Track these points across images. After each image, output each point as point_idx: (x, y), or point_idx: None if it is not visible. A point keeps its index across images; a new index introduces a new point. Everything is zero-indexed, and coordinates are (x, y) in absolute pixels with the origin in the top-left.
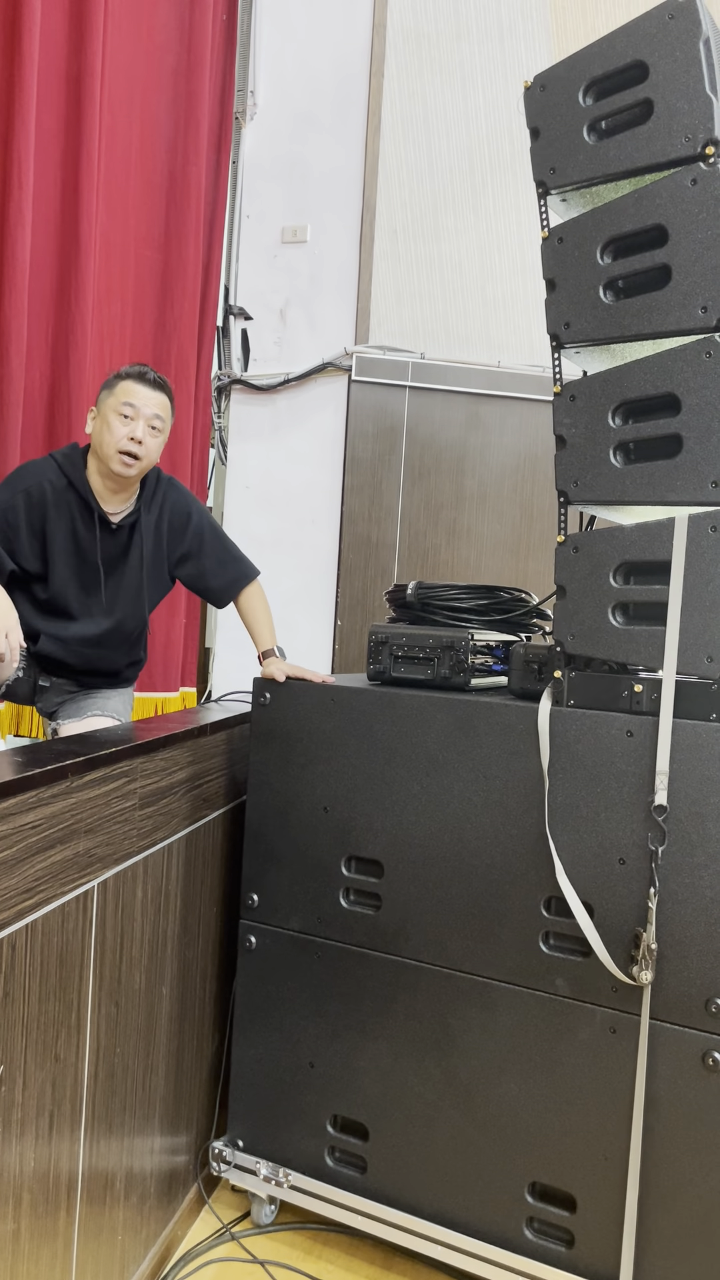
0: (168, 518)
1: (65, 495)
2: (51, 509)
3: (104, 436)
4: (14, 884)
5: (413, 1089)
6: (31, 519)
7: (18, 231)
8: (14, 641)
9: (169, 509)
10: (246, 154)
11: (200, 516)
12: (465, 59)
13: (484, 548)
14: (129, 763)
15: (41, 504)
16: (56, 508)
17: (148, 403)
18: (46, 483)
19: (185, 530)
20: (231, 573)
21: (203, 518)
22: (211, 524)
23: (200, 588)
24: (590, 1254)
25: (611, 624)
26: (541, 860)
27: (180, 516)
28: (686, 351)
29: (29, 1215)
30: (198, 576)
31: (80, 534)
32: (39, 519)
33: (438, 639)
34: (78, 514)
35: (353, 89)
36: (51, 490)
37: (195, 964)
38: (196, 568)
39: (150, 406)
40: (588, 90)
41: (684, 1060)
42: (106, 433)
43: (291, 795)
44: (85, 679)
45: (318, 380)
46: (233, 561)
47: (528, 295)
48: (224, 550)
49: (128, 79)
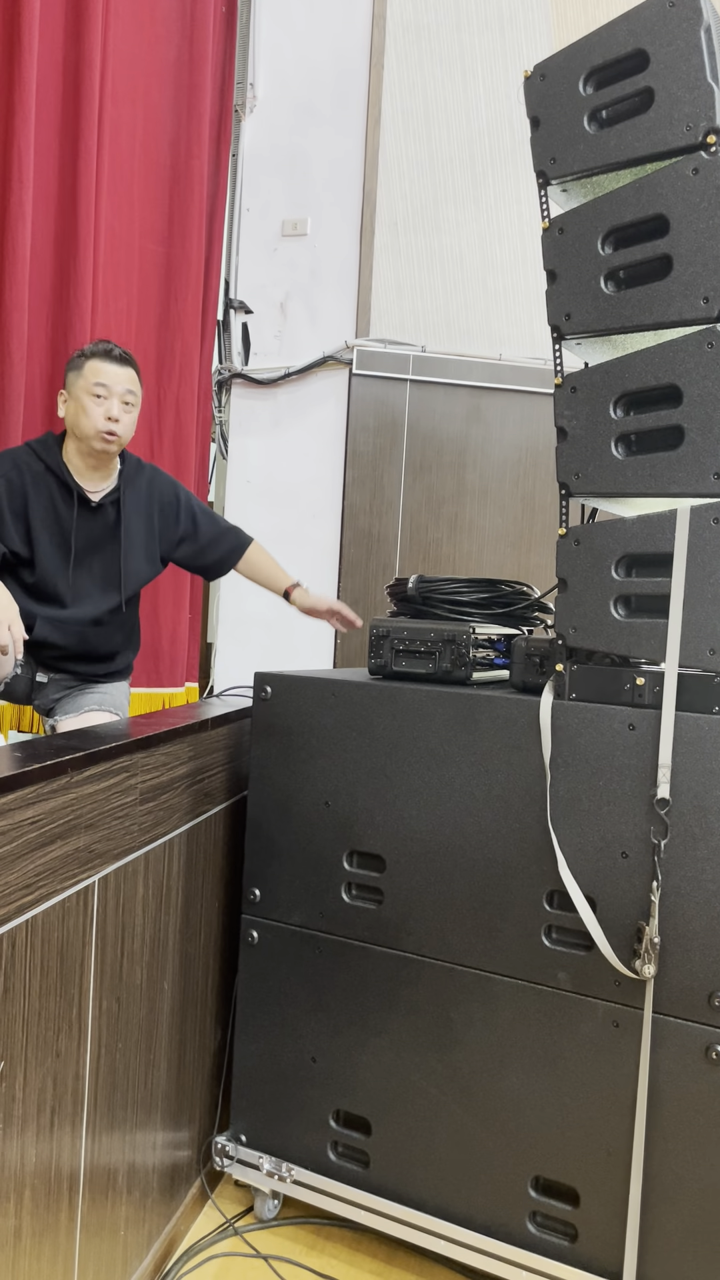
0: (158, 502)
1: (44, 478)
2: (31, 491)
3: (80, 419)
4: (14, 880)
5: (415, 1083)
6: (13, 503)
7: (18, 225)
8: (16, 634)
9: (157, 494)
10: (246, 147)
11: (187, 497)
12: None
13: (485, 541)
14: (129, 758)
15: (21, 487)
16: (35, 490)
17: (118, 379)
18: (24, 465)
19: (178, 513)
20: (228, 543)
21: (190, 498)
22: (199, 503)
23: (200, 565)
24: (593, 1248)
25: (613, 617)
26: (543, 854)
27: (170, 501)
28: (688, 342)
29: (30, 1211)
30: (196, 554)
31: (61, 513)
32: (20, 502)
33: (439, 633)
34: (57, 494)
35: (352, 81)
36: (30, 472)
37: (197, 959)
38: (194, 547)
39: (121, 383)
40: (588, 79)
41: (687, 1054)
42: (83, 415)
43: (293, 790)
44: (82, 668)
45: (318, 374)
46: (225, 533)
47: (529, 287)
48: (214, 525)
49: (130, 71)
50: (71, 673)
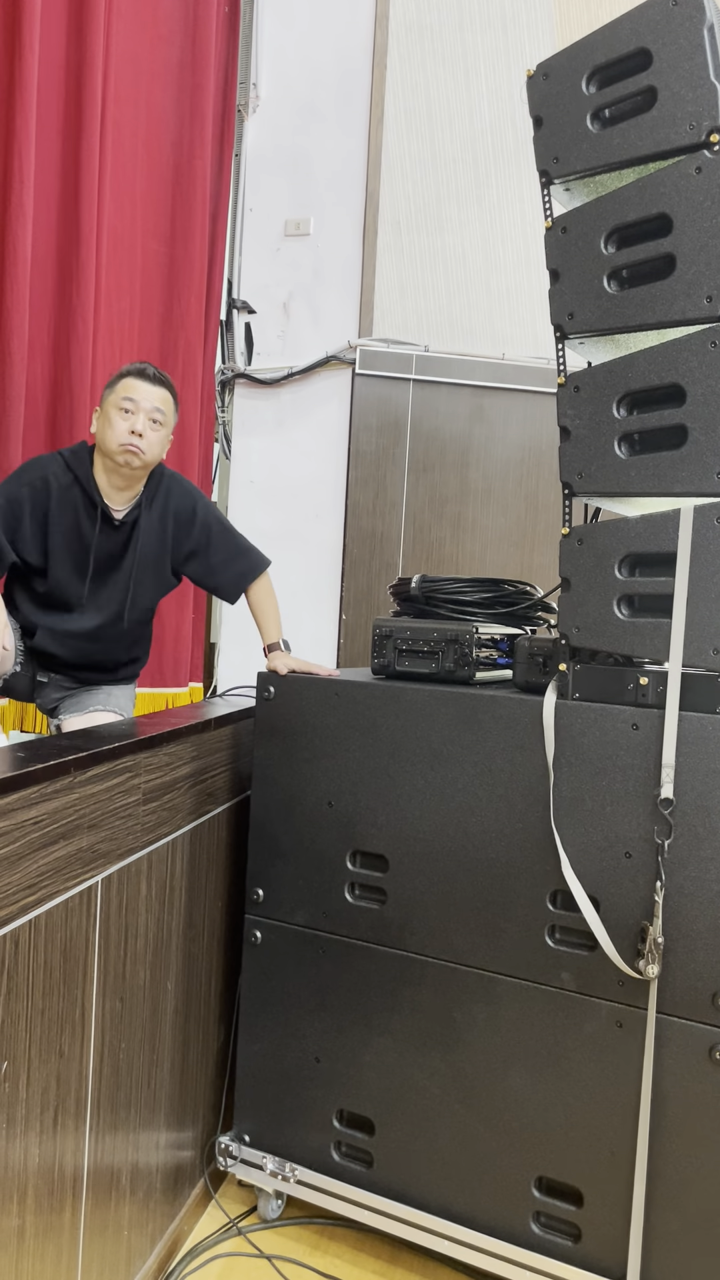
0: (172, 514)
1: (70, 491)
2: (55, 503)
3: (106, 433)
4: (17, 880)
5: (418, 1083)
6: (35, 512)
7: (18, 225)
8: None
9: (173, 506)
10: (249, 147)
11: (205, 512)
12: (468, 49)
13: (488, 541)
14: (132, 758)
15: (45, 497)
16: (60, 502)
17: (147, 397)
18: (52, 476)
19: (190, 527)
20: (239, 567)
21: (208, 513)
22: (218, 518)
23: (209, 585)
24: (597, 1248)
25: (616, 616)
26: (547, 854)
27: (185, 513)
28: (691, 341)
29: (34, 1211)
30: (205, 574)
31: (83, 529)
32: (41, 512)
33: (442, 632)
34: (82, 509)
35: (355, 81)
36: (56, 485)
37: (200, 959)
38: (203, 565)
39: (150, 400)
40: (591, 78)
41: (691, 1054)
42: (108, 429)
43: (296, 790)
44: (82, 674)
45: (321, 374)
46: (240, 555)
47: (532, 287)
48: (231, 544)
49: (132, 72)
50: (70, 676)
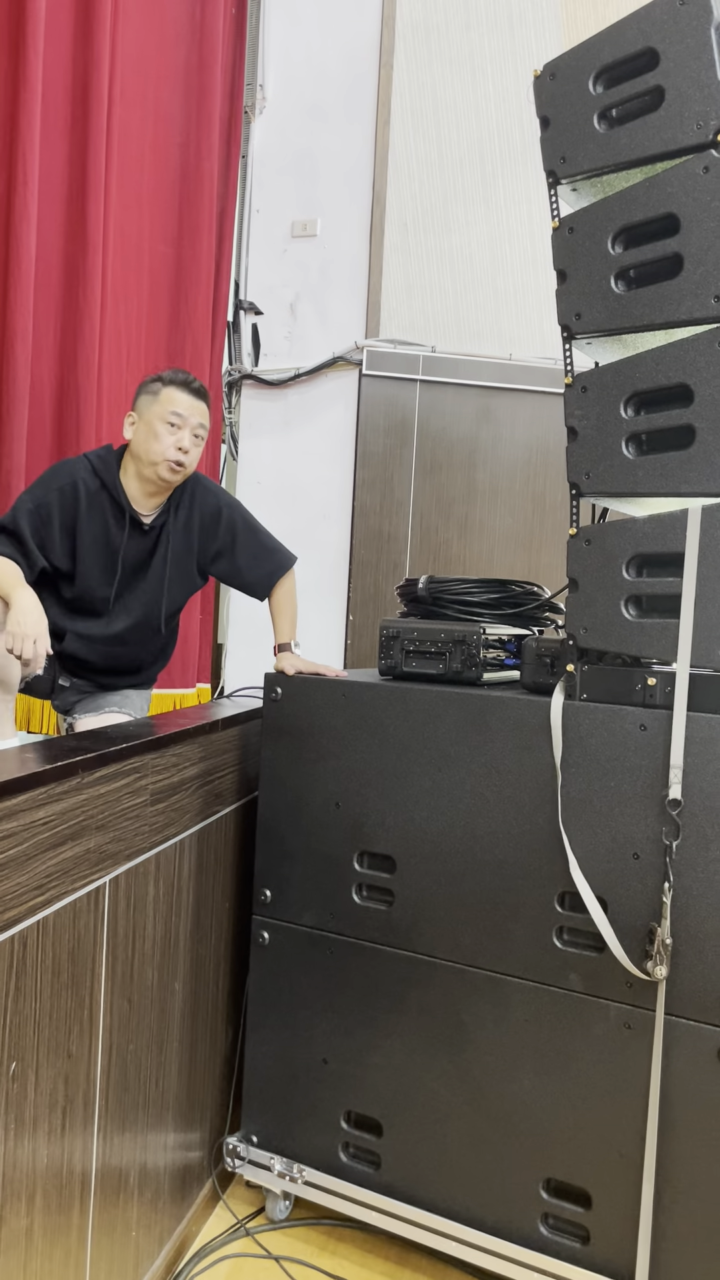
0: (198, 516)
1: (99, 496)
2: (84, 508)
3: (150, 445)
4: (25, 880)
5: (426, 1085)
6: (64, 517)
7: (22, 227)
8: (41, 649)
9: (198, 507)
10: (256, 148)
11: (231, 511)
12: (475, 50)
13: (496, 541)
14: (140, 759)
15: (74, 503)
16: (89, 507)
17: (194, 412)
18: (80, 482)
19: (216, 527)
20: (267, 565)
21: (234, 512)
22: (244, 517)
23: (237, 583)
24: (606, 1250)
25: (624, 617)
26: (555, 855)
27: (210, 514)
28: (699, 341)
29: (42, 1211)
30: (233, 573)
31: (111, 534)
32: (70, 517)
33: (449, 633)
34: (110, 514)
35: (362, 82)
36: (85, 490)
37: (208, 960)
38: (230, 565)
39: (196, 415)
40: (598, 78)
41: (699, 1056)
42: (153, 441)
43: (303, 791)
44: (105, 679)
45: (328, 375)
46: (267, 554)
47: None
48: (257, 543)
49: (140, 74)
50: (93, 681)
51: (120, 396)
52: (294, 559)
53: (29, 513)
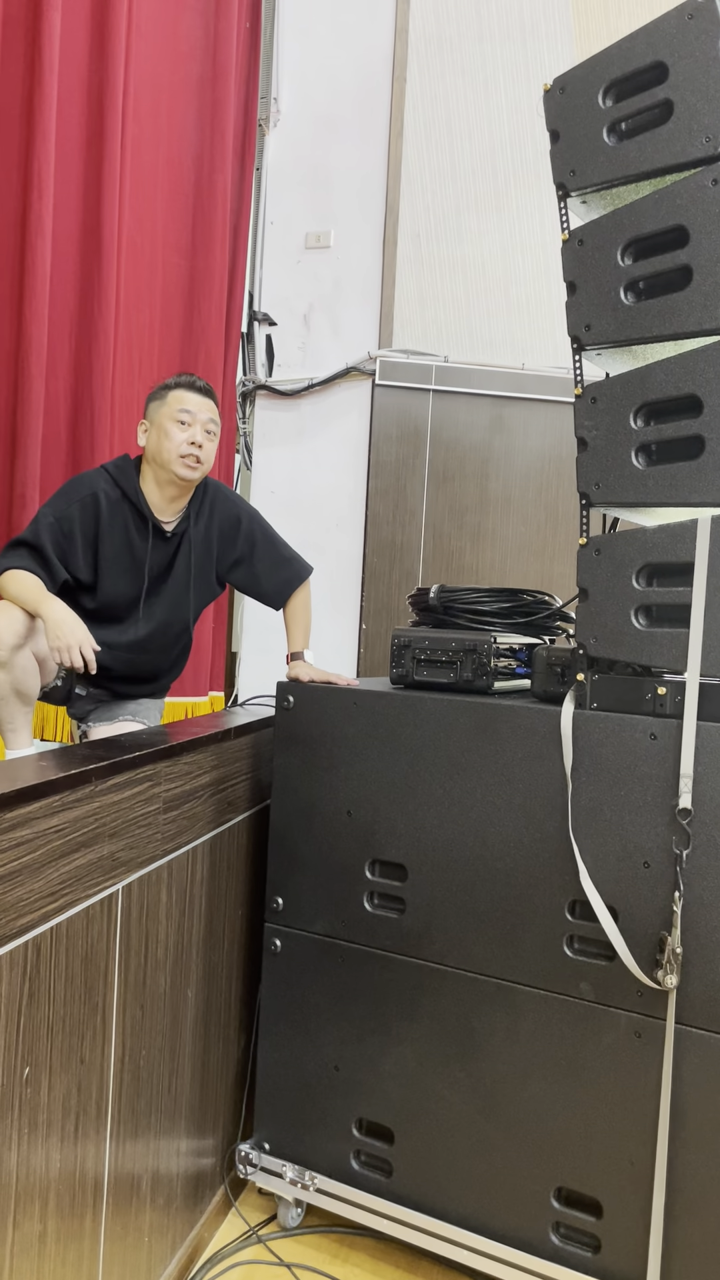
0: (218, 524)
1: (120, 506)
2: (106, 519)
3: (163, 444)
4: (39, 887)
5: (438, 1093)
6: (86, 529)
7: (37, 240)
8: (89, 654)
9: (218, 516)
10: (270, 160)
11: (250, 521)
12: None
13: (508, 551)
14: (152, 767)
15: (95, 514)
16: (111, 517)
17: (202, 408)
18: (101, 493)
19: (236, 536)
20: (284, 574)
21: (253, 522)
22: (263, 527)
23: (254, 592)
24: (617, 1260)
25: (634, 626)
26: (565, 864)
27: (230, 523)
28: (708, 352)
29: (55, 1217)
30: (251, 582)
31: (134, 543)
32: (92, 529)
33: (461, 642)
34: (132, 523)
35: (375, 94)
36: (106, 500)
37: (220, 967)
38: (249, 573)
39: (205, 411)
40: (607, 92)
41: (710, 1064)
42: (166, 440)
43: (315, 799)
44: (123, 688)
45: (342, 385)
46: (284, 563)
47: (551, 297)
48: (275, 552)
49: (153, 88)
50: (110, 690)
51: (134, 408)
52: (310, 569)
53: (50, 526)
